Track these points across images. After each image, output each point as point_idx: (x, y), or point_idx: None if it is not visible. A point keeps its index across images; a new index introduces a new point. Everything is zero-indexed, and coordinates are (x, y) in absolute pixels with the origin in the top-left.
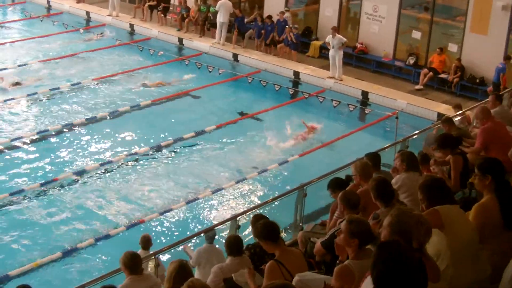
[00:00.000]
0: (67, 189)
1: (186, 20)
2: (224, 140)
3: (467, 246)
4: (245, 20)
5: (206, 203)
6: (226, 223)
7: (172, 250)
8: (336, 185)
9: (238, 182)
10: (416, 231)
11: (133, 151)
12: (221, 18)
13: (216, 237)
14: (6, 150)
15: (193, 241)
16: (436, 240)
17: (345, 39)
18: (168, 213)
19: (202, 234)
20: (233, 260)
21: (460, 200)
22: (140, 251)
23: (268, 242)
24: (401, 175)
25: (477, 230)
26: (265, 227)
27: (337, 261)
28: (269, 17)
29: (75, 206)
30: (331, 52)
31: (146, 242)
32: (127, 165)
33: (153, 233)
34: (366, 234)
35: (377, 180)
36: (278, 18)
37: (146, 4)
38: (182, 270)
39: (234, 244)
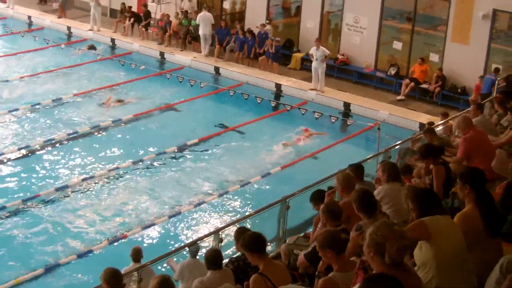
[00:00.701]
0: (49, 205)
1: (167, 33)
2: (206, 153)
3: (454, 256)
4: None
5: (188, 217)
6: (209, 236)
7: (159, 267)
8: (319, 197)
9: (220, 195)
10: (390, 247)
11: (115, 166)
12: (202, 31)
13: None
14: None
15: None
16: (424, 250)
17: (328, 52)
18: (151, 228)
19: (185, 249)
20: (213, 274)
21: None
22: (131, 264)
23: (254, 254)
24: (383, 186)
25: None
26: (252, 239)
27: (316, 273)
28: (250, 31)
29: (57, 222)
30: (314, 64)
31: (137, 254)
32: (109, 180)
33: None
34: (337, 242)
35: (360, 192)
36: (259, 31)
37: (127, 22)
38: (165, 285)
39: (213, 258)
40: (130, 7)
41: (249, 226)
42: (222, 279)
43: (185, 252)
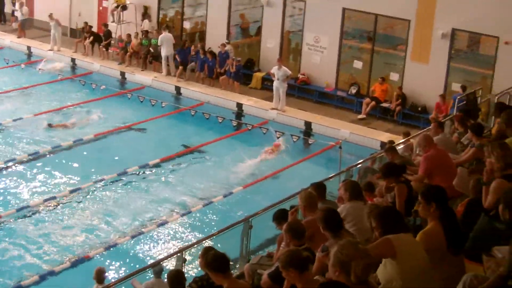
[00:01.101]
0: (11, 224)
1: (128, 53)
2: (168, 173)
3: (419, 274)
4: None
5: (151, 237)
6: (173, 257)
7: (123, 287)
8: (281, 216)
9: (183, 215)
10: (355, 266)
11: (76, 186)
12: (164, 52)
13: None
14: None
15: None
16: (388, 268)
17: (290, 72)
18: (114, 248)
19: (149, 269)
20: None
21: None
22: (95, 286)
23: (218, 273)
24: (345, 204)
25: None
26: (215, 258)
27: None
28: (211, 52)
29: (18, 243)
30: (275, 84)
31: (100, 275)
32: (70, 200)
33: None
34: (299, 261)
35: (325, 211)
36: (220, 50)
37: (87, 41)
38: None
39: (175, 278)
40: (91, 26)
41: (212, 246)
42: None
43: (149, 272)
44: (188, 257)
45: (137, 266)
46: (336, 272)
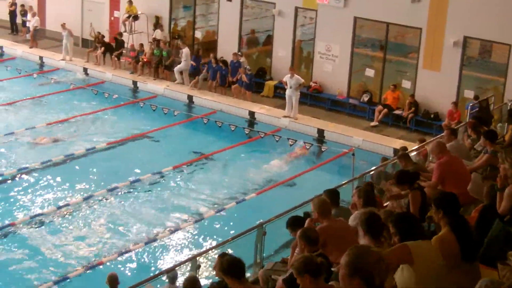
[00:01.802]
0: (25, 232)
1: (140, 63)
2: (181, 180)
3: (435, 280)
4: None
5: (164, 244)
6: (187, 263)
7: None
8: (295, 223)
9: (196, 222)
10: (378, 269)
11: (90, 193)
12: (184, 65)
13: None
14: None
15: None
16: (405, 274)
17: (303, 80)
18: (127, 254)
19: (162, 275)
20: None
21: None
22: None
23: (234, 279)
24: (359, 211)
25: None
26: (231, 264)
27: None
28: (223, 61)
29: (32, 249)
30: (287, 92)
31: (113, 281)
32: (84, 207)
33: None
34: (314, 266)
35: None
36: (232, 60)
37: (99, 52)
38: None
39: (191, 284)
40: (103, 36)
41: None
42: None
43: (164, 278)
44: (202, 263)
45: (151, 271)
46: (354, 281)
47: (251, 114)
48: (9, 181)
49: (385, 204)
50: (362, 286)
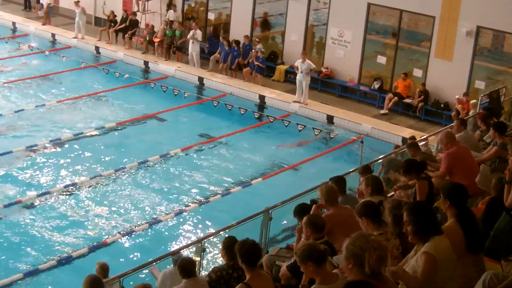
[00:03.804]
0: (31, 211)
1: (156, 44)
2: (188, 163)
3: (445, 271)
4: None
5: (169, 226)
6: (192, 246)
7: (142, 275)
8: (303, 211)
9: (202, 204)
10: (369, 257)
11: (97, 173)
12: (198, 47)
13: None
14: None
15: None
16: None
17: (314, 66)
18: (132, 235)
19: (167, 257)
20: (187, 283)
21: None
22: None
23: (247, 265)
24: (366, 199)
25: None
26: (250, 251)
27: (300, 286)
28: (236, 41)
29: (37, 228)
30: (298, 77)
31: (105, 270)
32: (90, 187)
33: (116, 255)
34: (317, 254)
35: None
36: (244, 42)
37: (111, 29)
38: None
39: (185, 267)
40: (115, 15)
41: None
42: (195, 287)
43: (168, 261)
44: (207, 247)
45: (154, 254)
46: (349, 265)
47: (261, 98)
48: (17, 159)
49: (389, 195)
50: (355, 270)
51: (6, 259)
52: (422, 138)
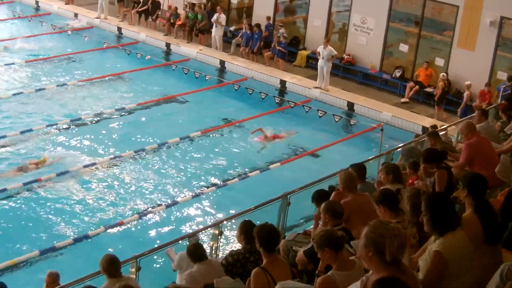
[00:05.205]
0: (50, 189)
1: (176, 26)
2: (207, 146)
3: (460, 263)
4: (231, 28)
5: (186, 208)
6: (209, 229)
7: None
8: (321, 197)
9: (219, 187)
10: (390, 244)
11: (117, 154)
12: (221, 31)
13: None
14: None
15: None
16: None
17: (335, 52)
18: (149, 216)
19: (183, 240)
20: (199, 266)
21: None
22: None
23: (265, 250)
24: (386, 187)
25: None
26: (269, 236)
27: (316, 272)
28: (257, 25)
29: (57, 204)
30: (320, 63)
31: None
32: (109, 168)
33: (134, 235)
34: (334, 240)
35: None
36: (266, 23)
37: (134, 10)
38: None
39: (194, 251)
40: None
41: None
42: (208, 270)
43: (184, 243)
44: (224, 230)
45: (171, 236)
46: (369, 253)
47: (282, 83)
48: (37, 137)
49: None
50: (375, 258)
51: (22, 237)
52: (442, 127)
